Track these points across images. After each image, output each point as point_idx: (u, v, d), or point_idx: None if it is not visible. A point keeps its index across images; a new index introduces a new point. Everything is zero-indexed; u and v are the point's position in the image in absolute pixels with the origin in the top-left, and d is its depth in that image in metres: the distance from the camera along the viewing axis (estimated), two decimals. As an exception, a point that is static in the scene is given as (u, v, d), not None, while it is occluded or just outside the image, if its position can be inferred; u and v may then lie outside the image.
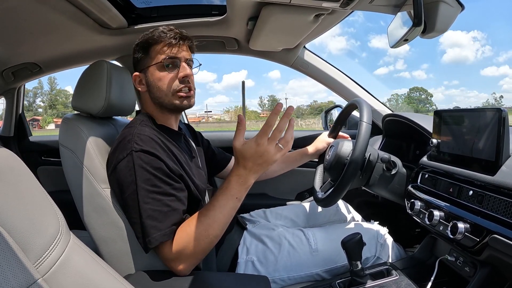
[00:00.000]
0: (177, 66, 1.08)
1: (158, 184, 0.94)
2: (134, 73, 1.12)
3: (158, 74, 1.07)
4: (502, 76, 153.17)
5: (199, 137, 1.41)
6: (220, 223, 0.95)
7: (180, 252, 0.92)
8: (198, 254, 0.94)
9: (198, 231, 0.93)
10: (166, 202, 0.94)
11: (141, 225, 0.92)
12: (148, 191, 0.92)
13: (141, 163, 0.94)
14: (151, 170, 0.94)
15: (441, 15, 1.01)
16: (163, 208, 0.93)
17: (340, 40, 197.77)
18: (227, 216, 0.95)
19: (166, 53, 1.06)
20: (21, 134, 2.30)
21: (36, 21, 1.35)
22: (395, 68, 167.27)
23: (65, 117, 1.17)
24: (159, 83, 1.07)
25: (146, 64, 1.09)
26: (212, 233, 0.94)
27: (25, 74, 1.95)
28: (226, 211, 0.95)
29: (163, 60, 1.06)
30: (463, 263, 1.09)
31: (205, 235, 0.93)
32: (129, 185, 0.94)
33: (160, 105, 1.10)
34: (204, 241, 0.93)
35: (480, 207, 0.92)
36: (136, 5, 1.55)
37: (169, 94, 1.07)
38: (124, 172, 0.95)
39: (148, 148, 0.96)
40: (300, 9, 1.20)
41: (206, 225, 0.93)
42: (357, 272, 1.06)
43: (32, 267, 0.49)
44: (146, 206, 0.92)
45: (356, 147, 1.15)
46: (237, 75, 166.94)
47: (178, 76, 1.07)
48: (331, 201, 1.25)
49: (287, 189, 2.10)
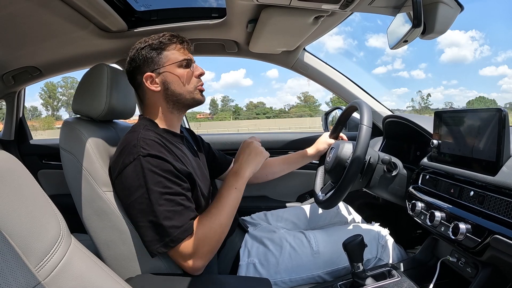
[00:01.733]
0: (191, 65, 1.14)
1: (170, 186, 0.96)
2: (145, 74, 1.10)
3: (178, 71, 1.11)
4: (501, 76, 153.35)
5: (200, 141, 1.41)
6: (227, 212, 1.03)
7: (198, 245, 0.96)
8: (214, 245, 1.00)
9: (211, 221, 0.99)
10: (179, 201, 0.97)
11: (158, 227, 0.94)
12: (160, 193, 0.94)
13: (150, 167, 0.95)
14: (161, 173, 0.96)
15: (440, 16, 1.01)
16: (177, 208, 0.96)
17: (337, 39, 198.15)
18: (231, 205, 1.05)
19: (182, 54, 1.13)
20: (22, 138, 2.29)
21: (36, 25, 1.35)
22: (393, 67, 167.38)
23: (66, 121, 1.17)
24: (180, 80, 1.12)
25: (162, 64, 1.10)
26: (223, 221, 1.01)
27: (25, 77, 1.95)
28: (230, 201, 1.05)
29: (183, 60, 1.12)
30: (464, 264, 1.09)
31: (218, 224, 1.00)
32: (137, 189, 0.95)
33: (177, 102, 1.14)
34: (217, 231, 0.99)
35: (481, 208, 0.92)
36: (136, 8, 1.55)
37: (190, 89, 1.13)
38: (131, 177, 0.96)
39: (155, 152, 0.97)
40: (300, 11, 1.20)
41: (216, 215, 1.01)
42: (358, 274, 1.05)
43: (33, 270, 0.49)
44: (161, 208, 0.93)
45: (356, 151, 1.15)
46: (235, 74, 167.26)
47: (194, 74, 1.14)
48: (332, 203, 1.25)
49: (288, 191, 2.09)
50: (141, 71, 1.11)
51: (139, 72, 1.12)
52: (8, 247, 0.47)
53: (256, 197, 2.10)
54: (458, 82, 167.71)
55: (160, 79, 1.11)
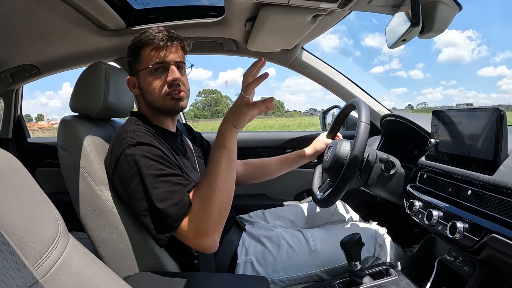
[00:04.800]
0: (167, 69, 1.08)
1: (163, 168, 0.95)
2: (127, 77, 1.13)
3: (148, 78, 1.08)
4: (500, 76, 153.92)
5: (198, 138, 1.41)
6: (219, 174, 0.95)
7: (198, 220, 0.92)
8: (216, 216, 0.93)
9: (203, 190, 0.94)
10: (176, 181, 0.95)
11: (158, 211, 0.92)
12: (155, 176, 0.93)
13: (141, 152, 0.95)
14: (153, 157, 0.95)
15: (439, 15, 1.01)
16: (175, 187, 0.94)
17: (333, 38, 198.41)
18: (220, 166, 0.95)
19: (154, 58, 1.07)
20: (20, 136, 2.29)
21: (34, 23, 1.34)
22: (391, 67, 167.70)
23: (63, 119, 1.17)
24: (149, 87, 1.08)
25: (137, 68, 1.10)
26: (218, 186, 0.94)
27: (23, 75, 1.95)
28: (217, 162, 0.95)
29: (152, 65, 1.06)
30: (462, 263, 1.10)
31: (212, 191, 0.93)
32: (132, 179, 0.95)
33: (154, 108, 1.12)
34: (214, 198, 0.93)
35: (478, 207, 0.93)
36: (134, 6, 1.55)
37: (160, 98, 1.08)
38: (125, 168, 0.96)
39: (145, 140, 0.97)
40: (298, 10, 1.20)
41: (208, 182, 0.94)
42: (356, 272, 1.06)
43: (31, 268, 0.49)
44: (157, 191, 0.92)
45: (355, 147, 1.15)
46: (233, 72, 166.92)
47: (166, 80, 1.07)
48: (330, 202, 1.25)
49: (286, 190, 2.10)
50: (129, 72, 1.14)
51: (128, 73, 1.14)
52: (6, 245, 0.47)
53: (254, 195, 2.10)
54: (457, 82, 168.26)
55: (138, 84, 1.11)
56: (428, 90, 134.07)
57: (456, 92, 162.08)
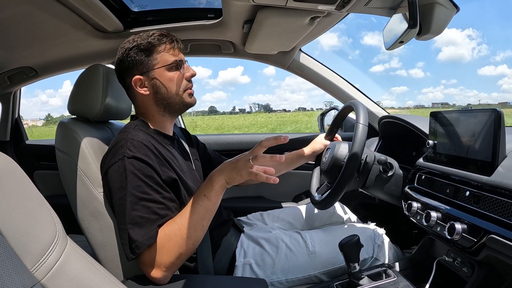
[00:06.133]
0: (181, 67, 1.10)
1: (148, 192, 0.93)
2: (134, 77, 1.08)
3: (168, 75, 1.08)
4: (501, 75, 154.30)
5: (194, 141, 1.41)
6: (192, 221, 0.93)
7: (157, 255, 0.91)
8: (174, 257, 0.92)
9: (172, 230, 0.92)
10: (155, 210, 0.93)
11: (126, 231, 0.91)
12: (138, 198, 0.92)
13: (132, 169, 0.93)
14: (142, 177, 0.93)
15: (436, 17, 1.02)
16: (151, 216, 0.92)
17: (332, 36, 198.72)
18: (197, 214, 0.94)
19: (172, 55, 1.09)
20: (18, 139, 2.29)
21: (32, 26, 1.34)
22: (391, 66, 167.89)
23: (61, 121, 1.17)
24: (169, 83, 1.09)
25: (152, 67, 1.07)
26: (186, 232, 0.92)
27: (21, 78, 1.95)
28: (196, 209, 0.94)
29: (174, 62, 1.08)
30: (460, 264, 1.10)
31: (179, 235, 0.92)
32: (118, 191, 0.94)
33: (167, 106, 1.11)
34: (177, 241, 0.92)
35: (477, 208, 0.93)
36: (132, 8, 1.55)
37: (179, 93, 1.10)
38: (114, 177, 0.95)
39: (141, 155, 0.95)
40: (296, 12, 1.21)
41: (179, 224, 0.93)
42: (355, 274, 1.06)
43: (29, 271, 0.49)
44: (134, 213, 0.91)
45: (353, 149, 1.15)
46: (233, 71, 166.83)
47: (185, 76, 1.11)
48: (328, 203, 1.25)
49: (284, 191, 2.10)
50: (130, 73, 1.08)
51: (128, 74, 1.09)
52: (4, 248, 0.47)
53: (252, 197, 2.10)
54: (458, 81, 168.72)
55: (149, 83, 1.08)
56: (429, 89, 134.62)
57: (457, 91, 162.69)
